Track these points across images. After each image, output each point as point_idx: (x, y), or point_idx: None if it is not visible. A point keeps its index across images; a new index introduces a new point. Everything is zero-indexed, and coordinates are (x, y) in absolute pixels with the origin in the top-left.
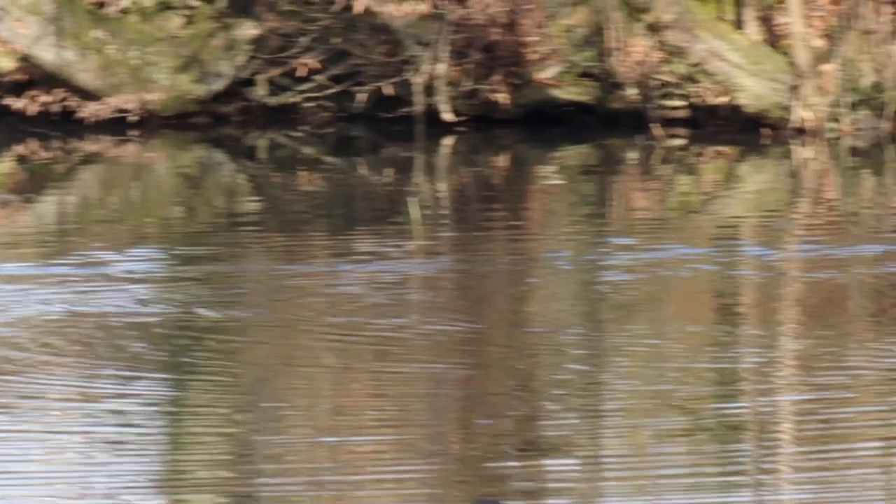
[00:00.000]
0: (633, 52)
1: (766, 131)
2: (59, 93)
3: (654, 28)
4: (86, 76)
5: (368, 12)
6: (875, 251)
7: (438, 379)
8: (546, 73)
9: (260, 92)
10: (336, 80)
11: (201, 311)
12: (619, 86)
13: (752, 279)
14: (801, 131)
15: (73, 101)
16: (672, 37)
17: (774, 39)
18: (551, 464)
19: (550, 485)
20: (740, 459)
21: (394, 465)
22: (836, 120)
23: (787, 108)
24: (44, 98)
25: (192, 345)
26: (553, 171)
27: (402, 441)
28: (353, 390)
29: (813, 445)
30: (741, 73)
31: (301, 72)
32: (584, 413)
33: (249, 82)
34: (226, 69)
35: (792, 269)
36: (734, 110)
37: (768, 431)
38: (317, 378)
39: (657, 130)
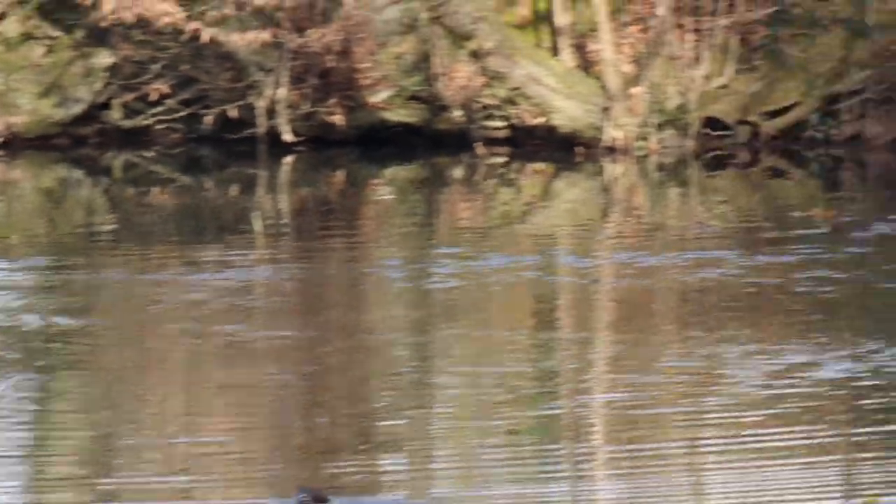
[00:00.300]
0: (458, 77)
1: (579, 149)
2: None
3: (476, 55)
4: None
5: (214, 41)
6: (680, 259)
7: (280, 381)
8: (377, 97)
9: (115, 115)
10: (185, 103)
11: (58, 319)
12: (444, 108)
13: (567, 285)
14: (612, 149)
15: None
16: (493, 63)
17: (587, 65)
18: (384, 459)
19: (384, 479)
20: (557, 454)
21: (240, 462)
22: (645, 139)
23: (599, 129)
24: None
25: (50, 349)
26: (385, 187)
27: (247, 438)
28: (201, 392)
29: (623, 441)
30: (557, 96)
31: (153, 96)
32: (414, 412)
33: (106, 106)
34: (84, 94)
35: (604, 276)
36: (550, 130)
37: (583, 428)
38: (167, 381)
39: (480, 149)
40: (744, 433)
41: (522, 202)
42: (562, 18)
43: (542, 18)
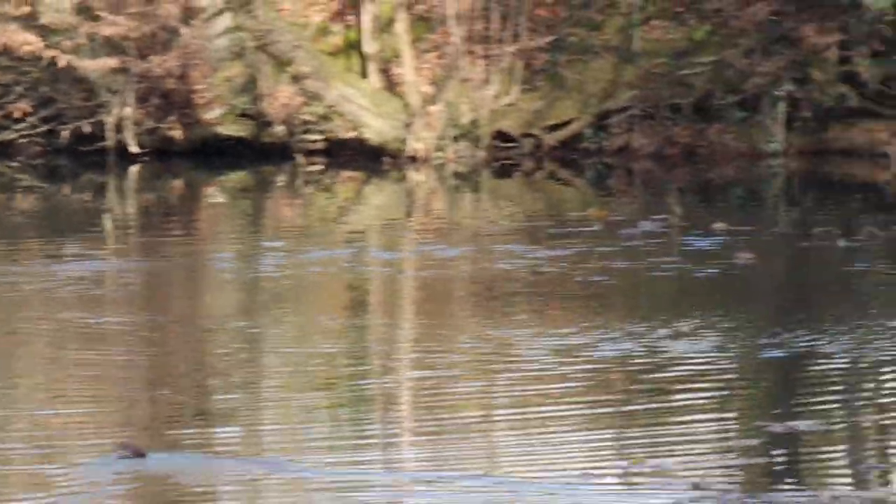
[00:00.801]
0: (280, 97)
1: (386, 159)
2: None
3: (296, 78)
4: None
5: (70, 67)
6: (474, 252)
7: (127, 360)
8: (211, 114)
9: None
10: (45, 120)
11: None
12: (269, 124)
13: (378, 275)
14: (414, 159)
15: None
16: (310, 85)
17: (392, 86)
18: (220, 430)
19: (218, 448)
20: (371, 426)
21: (94, 434)
22: (442, 150)
23: (402, 141)
24: None
25: None
26: (218, 192)
27: (98, 413)
28: (57, 370)
29: (428, 412)
30: (366, 113)
31: (17, 114)
32: (246, 389)
33: None
34: None
35: (409, 267)
36: (361, 143)
37: (392, 402)
38: (28, 360)
39: (300, 159)
40: (533, 406)
41: (337, 204)
42: (369, 46)
43: (352, 46)
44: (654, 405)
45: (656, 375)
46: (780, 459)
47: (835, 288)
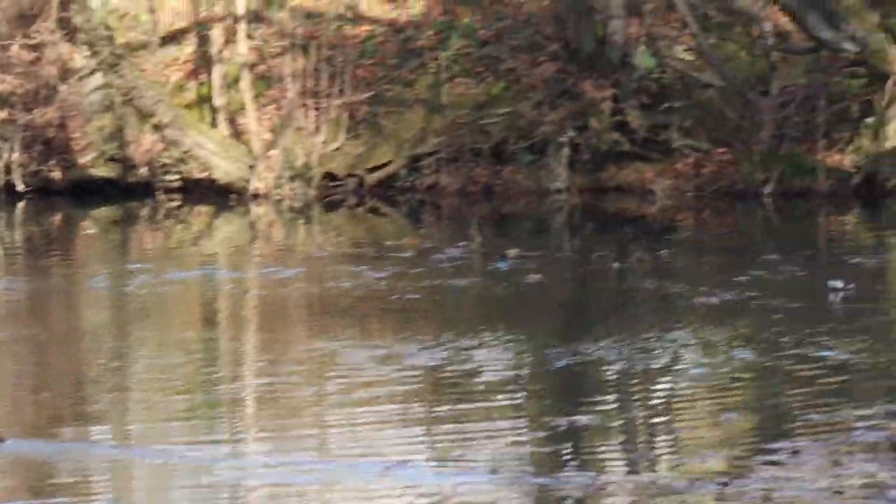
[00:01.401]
0: (144, 143)
1: (233, 196)
2: None
3: (157, 127)
4: None
5: None
6: (307, 273)
7: (14, 369)
8: (85, 159)
9: None
10: None
11: None
12: (134, 166)
13: (227, 293)
14: (256, 196)
15: None
16: (169, 133)
17: (238, 134)
18: (94, 427)
19: (93, 437)
20: (223, 422)
21: None
22: (280, 188)
23: (247, 181)
24: None
25: None
26: (91, 225)
27: None
28: None
29: (270, 411)
30: (216, 157)
31: None
32: (116, 392)
33: None
34: None
35: (252, 287)
36: (212, 182)
37: (241, 403)
38: None
39: (161, 196)
40: (358, 405)
41: (192, 234)
42: (219, 100)
43: (204, 100)
44: (460, 404)
45: (461, 379)
46: (564, 449)
47: (611, 304)
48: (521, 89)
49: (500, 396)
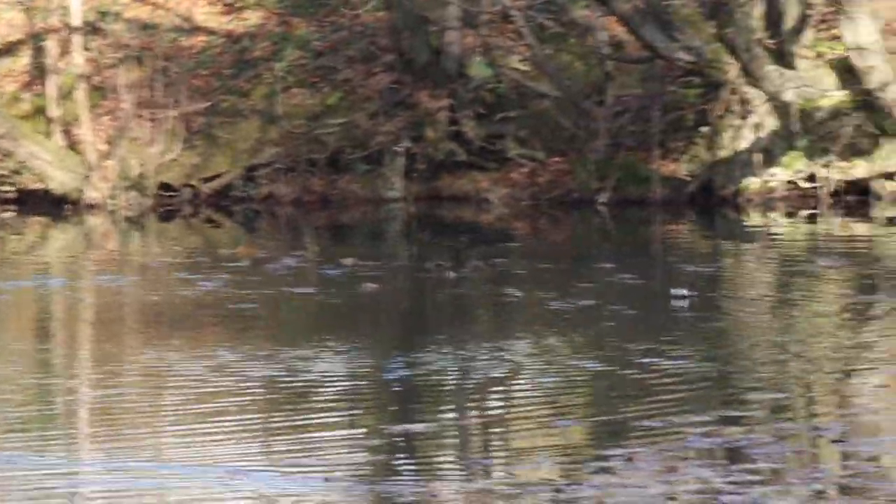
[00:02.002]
0: None
1: (68, 206)
2: None
3: None
4: None
5: None
6: (143, 281)
7: None
8: None
9: None
10: None
11: None
12: None
13: (61, 302)
14: (91, 206)
15: None
16: (4, 144)
17: (73, 145)
18: None
19: None
20: (57, 430)
21: None
22: (115, 198)
23: (82, 191)
24: None
25: None
26: None
27: None
28: None
29: (107, 418)
30: (51, 167)
31: None
32: None
33: None
34: None
35: (87, 295)
36: (47, 192)
37: (77, 412)
38: None
39: None
40: (194, 415)
41: (26, 244)
42: (54, 112)
43: (39, 111)
44: (297, 414)
45: (298, 389)
46: (398, 457)
47: (448, 313)
48: (356, 100)
49: (336, 405)
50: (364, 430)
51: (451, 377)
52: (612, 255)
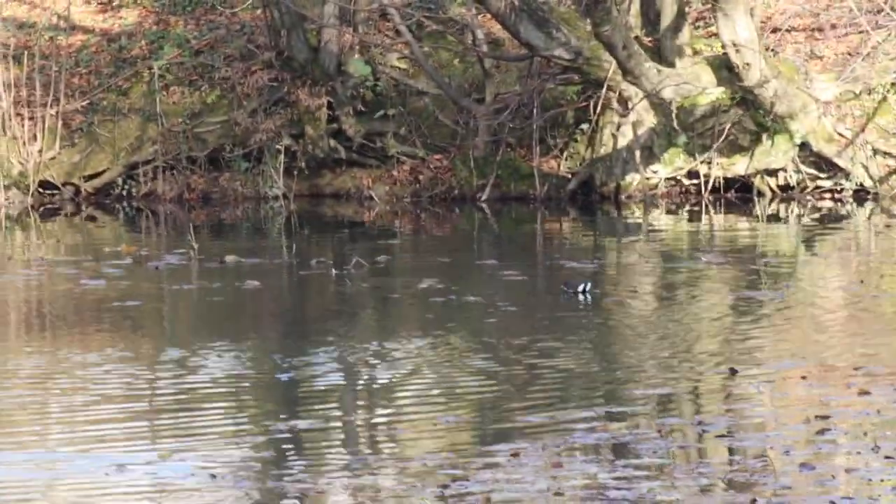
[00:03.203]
0: None
1: None
2: None
3: None
4: None
5: None
6: (22, 279)
7: None
8: None
9: None
10: None
11: None
12: None
13: None
14: None
15: None
16: None
17: None
18: None
19: None
20: None
21: None
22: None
23: None
24: None
25: None
26: None
27: None
28: None
29: None
30: None
31: None
32: None
33: None
34: None
35: None
36: None
37: None
38: None
39: None
40: (83, 413)
41: None
42: None
43: None
44: (182, 411)
45: (183, 387)
46: (285, 453)
47: (331, 310)
48: (235, 98)
49: (222, 403)
50: (250, 426)
51: (337, 375)
52: (494, 252)
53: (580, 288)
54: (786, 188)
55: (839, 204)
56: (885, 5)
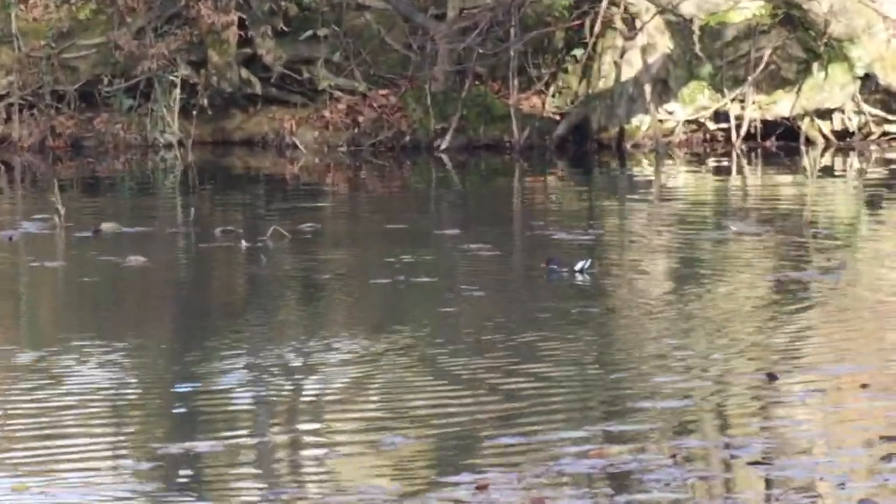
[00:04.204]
0: None
1: None
2: None
3: None
4: None
5: None
6: None
7: None
8: None
9: None
10: None
11: None
12: None
13: None
14: None
15: None
16: None
17: None
18: None
19: None
20: None
21: None
22: None
23: None
24: None
25: None
26: None
27: None
28: None
29: None
30: None
31: None
32: None
33: None
34: None
35: None
36: None
37: None
38: None
39: None
40: None
41: None
42: None
43: None
44: (43, 430)
45: (43, 397)
46: (179, 485)
47: (240, 295)
48: (116, 13)
49: (97, 421)
50: (135, 451)
51: (249, 385)
52: (458, 218)
53: (577, 266)
54: (843, 134)
55: None
56: None
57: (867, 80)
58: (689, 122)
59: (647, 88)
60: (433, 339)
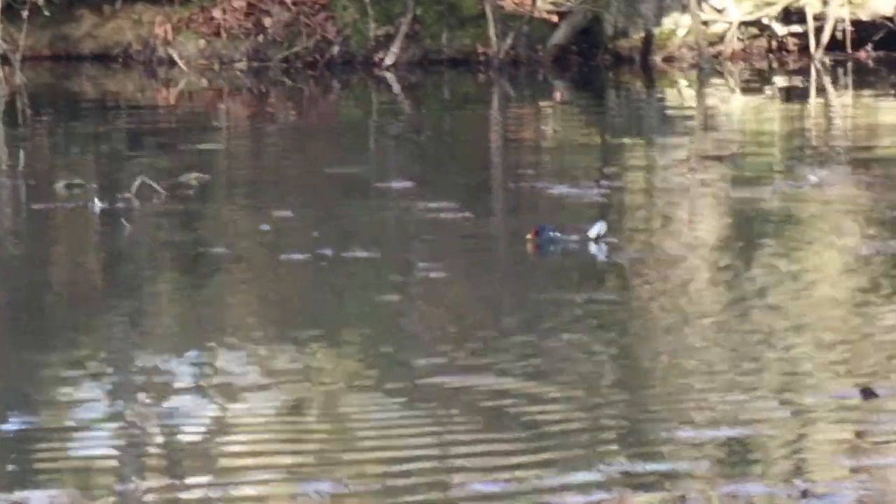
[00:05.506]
0: None
1: None
2: None
3: None
4: None
5: None
6: None
7: None
8: None
9: None
10: None
11: None
12: None
13: None
14: None
15: None
16: None
17: None
18: None
19: None
20: None
21: None
22: None
23: None
24: None
25: None
26: None
27: None
28: None
29: None
30: None
31: None
32: None
33: None
34: None
35: None
36: None
37: None
38: None
39: None
40: None
41: None
42: None
43: None
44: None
45: None
46: None
47: (91, 283)
48: None
49: None
50: None
51: (109, 416)
52: (408, 167)
53: (592, 232)
54: None
55: None
56: None
57: None
58: (746, 24)
59: None
60: (374, 344)
